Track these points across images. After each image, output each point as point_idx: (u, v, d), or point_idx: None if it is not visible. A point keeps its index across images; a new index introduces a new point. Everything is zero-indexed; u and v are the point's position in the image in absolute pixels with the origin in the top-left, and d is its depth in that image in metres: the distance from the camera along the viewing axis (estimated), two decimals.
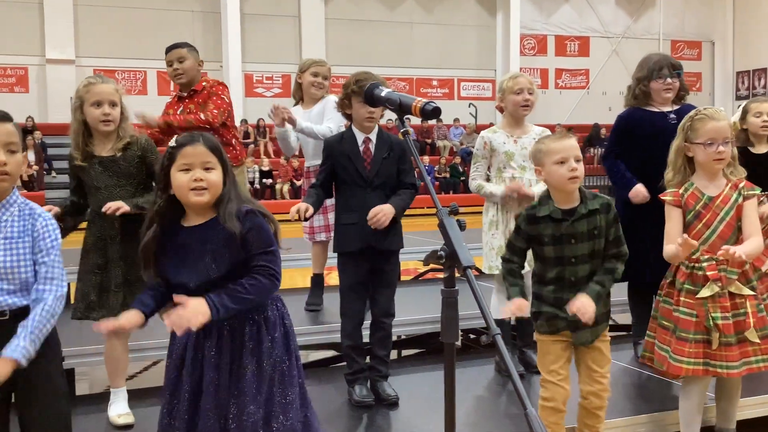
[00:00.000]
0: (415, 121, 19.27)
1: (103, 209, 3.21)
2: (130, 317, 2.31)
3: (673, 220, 3.10)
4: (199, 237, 2.31)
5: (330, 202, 3.85)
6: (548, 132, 4.05)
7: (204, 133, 2.37)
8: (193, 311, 2.16)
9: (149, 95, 19.59)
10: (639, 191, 3.97)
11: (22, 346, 2.17)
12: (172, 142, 2.31)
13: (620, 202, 4.19)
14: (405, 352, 5.33)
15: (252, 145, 19.52)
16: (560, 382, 2.91)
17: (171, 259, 2.31)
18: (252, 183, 17.50)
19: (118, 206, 3.20)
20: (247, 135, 19.50)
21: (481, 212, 4.10)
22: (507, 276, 2.97)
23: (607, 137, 21.05)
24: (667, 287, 3.19)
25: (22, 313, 2.27)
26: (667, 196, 3.13)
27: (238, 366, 2.31)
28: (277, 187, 18.84)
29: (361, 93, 3.47)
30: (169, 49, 4.50)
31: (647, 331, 3.32)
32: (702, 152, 3.07)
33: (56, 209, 3.25)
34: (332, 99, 4.34)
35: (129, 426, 3.38)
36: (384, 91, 2.05)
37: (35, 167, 17.19)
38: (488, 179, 4.11)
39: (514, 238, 2.98)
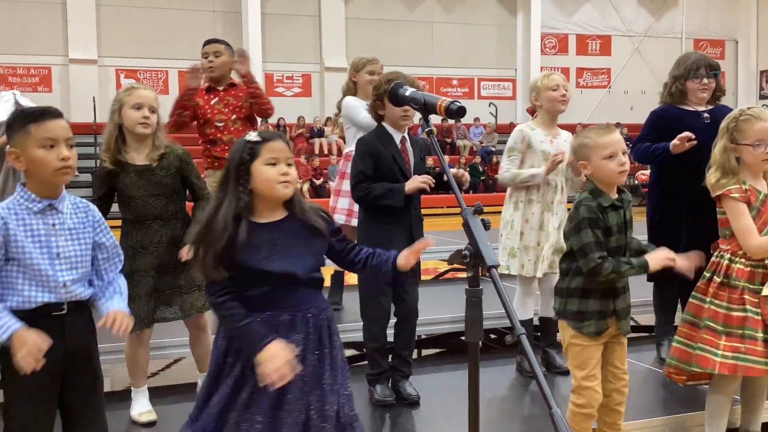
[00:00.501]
0: (434, 120, 19.23)
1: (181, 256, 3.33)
2: (289, 357, 2.20)
3: (745, 214, 3.04)
4: (283, 231, 2.31)
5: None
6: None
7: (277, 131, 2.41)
8: None
9: (171, 95, 19.64)
10: (680, 138, 3.81)
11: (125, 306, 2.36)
12: (253, 137, 2.30)
13: (656, 200, 4.17)
14: (425, 352, 5.33)
15: None
16: (597, 387, 2.88)
17: (256, 252, 2.26)
18: None
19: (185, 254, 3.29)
20: None
21: (500, 212, 4.09)
22: (615, 269, 2.77)
23: (628, 136, 20.93)
24: (716, 288, 3.10)
25: (79, 306, 2.33)
26: (733, 193, 3.06)
27: (319, 358, 2.32)
28: (297, 186, 18.88)
29: None
30: (208, 42, 4.54)
31: (677, 337, 3.24)
32: (750, 153, 3.05)
33: None
34: None
35: (152, 423, 3.41)
36: (408, 91, 2.06)
37: None
38: None
39: (596, 235, 2.78)
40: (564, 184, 4.00)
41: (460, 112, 1.94)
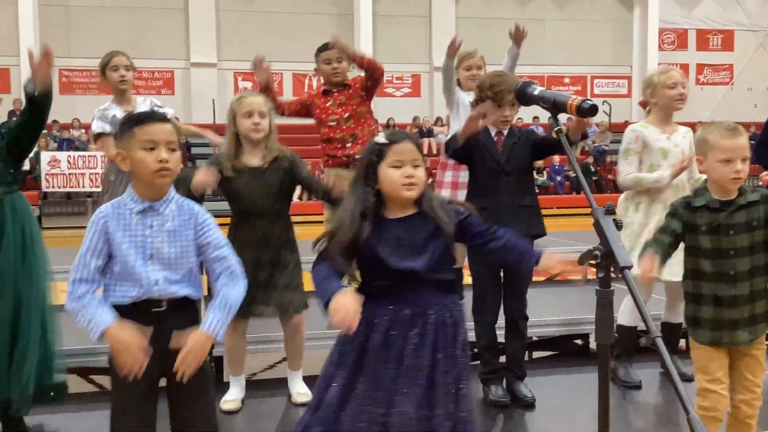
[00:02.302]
0: (543, 119, 18.90)
1: None
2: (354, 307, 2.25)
3: None
4: (408, 228, 2.35)
5: (463, 178, 4.11)
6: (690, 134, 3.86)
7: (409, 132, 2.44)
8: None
9: (284, 96, 20.22)
10: None
11: (218, 320, 2.29)
12: (381, 139, 2.37)
13: None
14: (537, 354, 5.26)
15: None
16: (723, 391, 2.77)
17: (384, 248, 2.33)
18: None
19: None
20: None
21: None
22: (651, 243, 2.75)
23: (754, 134, 20.12)
24: None
25: (181, 304, 2.38)
26: None
27: (434, 358, 2.32)
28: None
29: (495, 98, 3.48)
30: (324, 48, 4.61)
31: None
32: None
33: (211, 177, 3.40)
34: None
35: (231, 412, 3.55)
36: (537, 90, 2.04)
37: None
38: None
39: (669, 220, 2.79)
40: (687, 182, 3.87)
41: (593, 110, 1.90)
